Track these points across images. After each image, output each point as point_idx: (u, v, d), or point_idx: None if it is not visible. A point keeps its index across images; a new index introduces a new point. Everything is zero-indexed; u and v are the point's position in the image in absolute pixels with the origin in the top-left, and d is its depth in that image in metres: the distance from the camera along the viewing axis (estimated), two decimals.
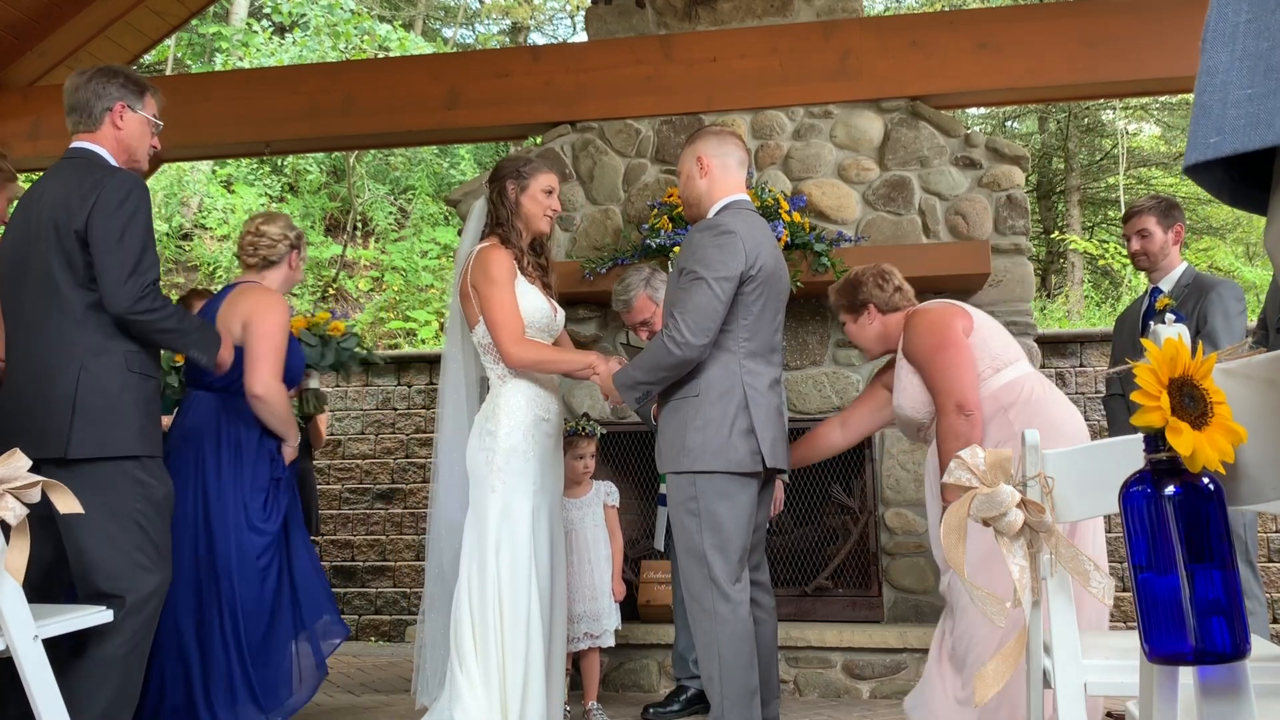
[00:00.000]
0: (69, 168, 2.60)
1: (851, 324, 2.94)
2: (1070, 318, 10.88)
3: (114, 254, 2.45)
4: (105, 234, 2.45)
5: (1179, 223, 3.63)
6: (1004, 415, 2.61)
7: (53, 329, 2.48)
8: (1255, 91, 0.69)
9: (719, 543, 2.63)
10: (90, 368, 2.45)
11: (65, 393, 2.42)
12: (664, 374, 2.68)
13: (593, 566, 3.56)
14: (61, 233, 2.48)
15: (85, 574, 2.43)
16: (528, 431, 2.86)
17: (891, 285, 2.88)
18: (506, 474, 2.81)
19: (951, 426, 2.56)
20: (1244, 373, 0.96)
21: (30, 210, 2.58)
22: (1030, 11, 4.58)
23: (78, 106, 2.65)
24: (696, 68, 4.61)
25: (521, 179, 3.00)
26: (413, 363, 5.96)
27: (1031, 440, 1.39)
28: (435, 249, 11.40)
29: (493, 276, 2.88)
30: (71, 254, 2.48)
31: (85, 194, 2.49)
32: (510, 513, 2.80)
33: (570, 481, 3.64)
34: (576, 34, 14.97)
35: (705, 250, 2.67)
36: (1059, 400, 2.67)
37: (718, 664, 2.60)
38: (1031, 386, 2.65)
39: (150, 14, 5.49)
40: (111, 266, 2.44)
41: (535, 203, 3.00)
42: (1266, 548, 4.86)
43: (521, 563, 2.77)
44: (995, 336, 2.73)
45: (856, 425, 3.05)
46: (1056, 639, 1.38)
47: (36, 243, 2.52)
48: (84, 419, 2.42)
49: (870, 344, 2.94)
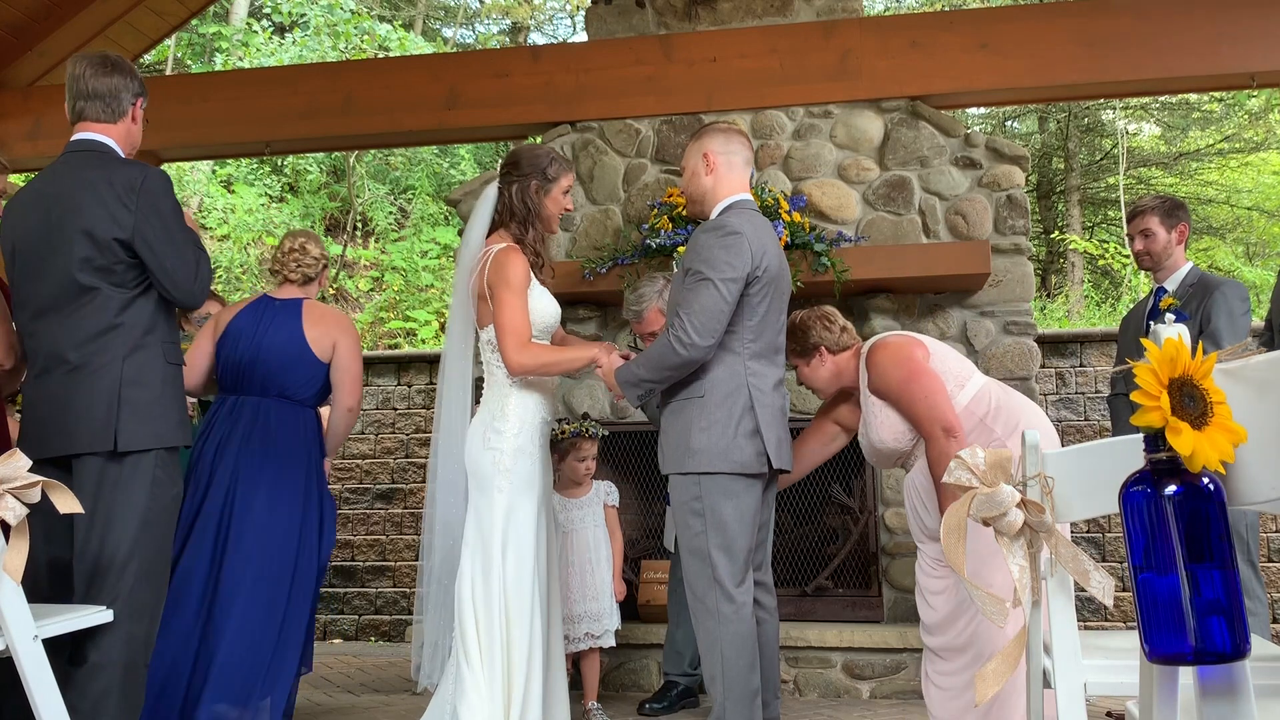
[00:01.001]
0: (82, 163, 2.54)
1: (804, 368, 2.99)
2: (1070, 318, 10.87)
3: (179, 257, 2.51)
4: (162, 238, 2.49)
5: (1183, 223, 3.62)
6: (982, 425, 2.70)
7: (88, 325, 2.46)
8: None
9: (723, 543, 2.63)
10: (132, 361, 2.46)
11: (109, 386, 2.42)
12: (668, 373, 2.68)
13: (593, 566, 3.56)
14: (98, 239, 2.44)
15: (95, 569, 2.40)
16: (535, 432, 2.85)
17: (838, 326, 2.96)
18: (514, 474, 2.79)
19: (943, 450, 2.63)
20: (1244, 373, 0.96)
21: (48, 208, 2.51)
22: (1030, 11, 4.58)
23: (102, 94, 2.58)
24: (696, 68, 4.61)
25: (547, 180, 2.93)
26: (413, 363, 5.96)
27: (1031, 440, 1.39)
28: (435, 249, 11.39)
29: (511, 282, 2.80)
30: (109, 257, 2.46)
31: (120, 197, 2.46)
32: (516, 514, 2.78)
33: (571, 482, 3.64)
34: (576, 34, 14.97)
35: (711, 251, 2.66)
36: (1022, 399, 2.78)
37: (720, 664, 2.59)
38: (994, 392, 2.76)
39: (150, 14, 5.49)
40: (180, 269, 2.51)
41: (556, 204, 2.96)
42: (1266, 548, 4.86)
43: (527, 564, 2.76)
44: (950, 356, 2.83)
45: (809, 459, 3.11)
46: (1056, 639, 1.38)
47: (60, 243, 2.47)
48: (130, 411, 2.42)
49: (824, 384, 3.01)
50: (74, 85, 2.59)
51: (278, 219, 11.39)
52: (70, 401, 2.44)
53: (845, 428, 3.08)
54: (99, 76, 2.58)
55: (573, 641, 3.48)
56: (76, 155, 2.56)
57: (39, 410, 2.49)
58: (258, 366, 3.22)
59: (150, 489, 2.45)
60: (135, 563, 2.41)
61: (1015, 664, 1.30)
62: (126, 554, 2.40)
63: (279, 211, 11.59)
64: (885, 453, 2.85)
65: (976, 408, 2.72)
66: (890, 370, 2.75)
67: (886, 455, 2.86)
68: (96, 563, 2.38)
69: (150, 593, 2.46)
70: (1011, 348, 4.29)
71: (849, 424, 3.06)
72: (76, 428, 2.41)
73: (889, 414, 2.78)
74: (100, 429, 2.40)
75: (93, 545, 2.39)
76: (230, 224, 11.00)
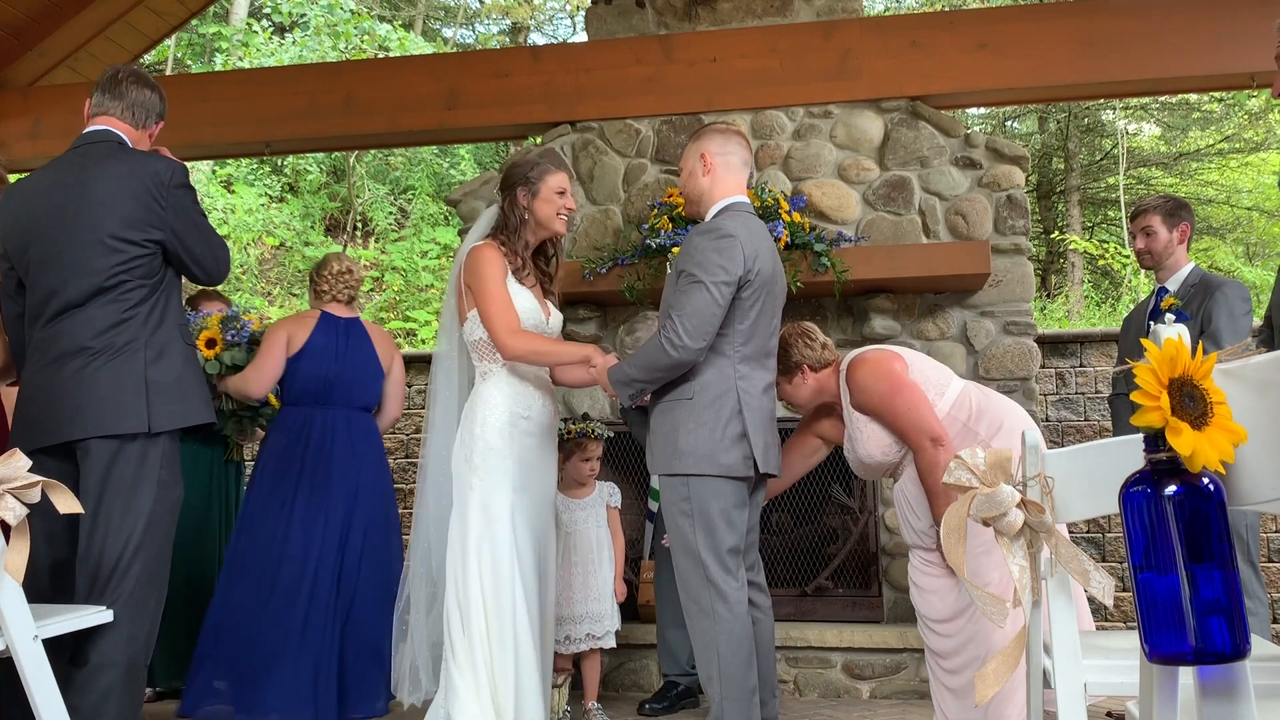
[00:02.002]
0: (104, 154, 2.55)
1: (786, 385, 3.00)
2: (1070, 318, 10.88)
3: (206, 243, 2.63)
4: (192, 232, 2.59)
5: (1185, 223, 3.62)
6: (966, 429, 2.73)
7: (111, 314, 2.47)
8: None
9: (713, 544, 2.63)
10: (154, 344, 2.49)
11: (136, 369, 2.45)
12: (659, 374, 2.68)
13: (596, 567, 3.56)
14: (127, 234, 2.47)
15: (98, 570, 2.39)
16: (503, 429, 2.86)
17: (818, 342, 2.97)
18: (484, 472, 2.82)
19: (932, 459, 2.66)
20: (1244, 373, 0.96)
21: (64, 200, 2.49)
22: (1030, 11, 4.58)
23: (135, 103, 2.66)
24: (696, 68, 4.61)
25: (531, 185, 2.97)
26: (413, 363, 5.95)
27: (1032, 440, 1.39)
28: (435, 249, 11.40)
29: (483, 274, 2.88)
30: (136, 250, 2.48)
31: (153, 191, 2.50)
32: (489, 511, 2.80)
33: (575, 482, 3.64)
34: (576, 34, 14.97)
35: (704, 254, 2.66)
36: (1001, 398, 2.82)
37: (717, 664, 2.60)
38: (973, 395, 2.79)
39: (150, 14, 5.49)
40: (207, 257, 2.64)
41: (549, 204, 2.98)
42: (1267, 548, 4.86)
43: (503, 561, 2.78)
44: (927, 364, 2.85)
45: (791, 471, 3.11)
46: (1056, 639, 1.38)
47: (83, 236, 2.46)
48: (158, 392, 2.46)
49: (806, 401, 3.02)
50: (112, 86, 2.64)
51: (278, 219, 11.39)
52: (89, 387, 2.42)
53: (827, 440, 3.10)
54: (139, 87, 2.67)
55: (574, 642, 3.48)
56: (96, 146, 2.57)
57: (44, 396, 2.46)
58: (341, 382, 3.52)
59: (155, 490, 2.45)
60: (138, 564, 2.41)
61: (1015, 664, 1.30)
62: (130, 555, 2.40)
63: (279, 211, 11.59)
64: (873, 466, 2.87)
65: (959, 413, 2.75)
66: (872, 386, 2.77)
67: (875, 469, 2.89)
68: (99, 563, 2.38)
69: (152, 593, 2.45)
70: (1011, 348, 4.29)
71: (830, 437, 3.08)
72: (101, 411, 2.40)
73: (874, 429, 2.80)
74: (131, 409, 2.42)
75: (95, 546, 2.38)
76: (230, 224, 11.00)
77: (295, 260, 11.25)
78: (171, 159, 2.62)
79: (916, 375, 2.78)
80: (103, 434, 2.41)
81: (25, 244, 2.53)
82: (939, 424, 2.69)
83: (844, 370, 2.89)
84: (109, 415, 2.40)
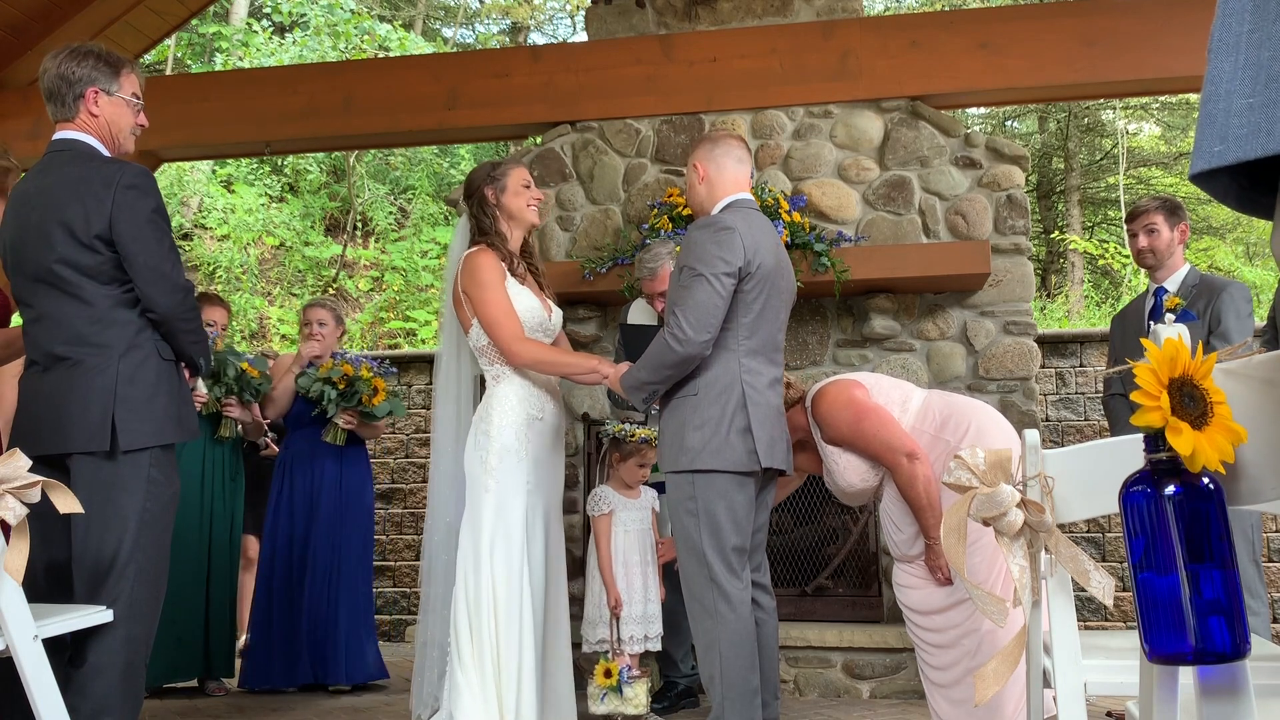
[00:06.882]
0: (60, 162, 2.52)
1: None
2: (1070, 318, 10.88)
3: (153, 259, 2.45)
4: (137, 238, 2.43)
5: (1184, 223, 3.65)
6: (935, 439, 2.77)
7: (78, 322, 2.43)
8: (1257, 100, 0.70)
9: (717, 543, 2.63)
10: (128, 360, 2.43)
11: (106, 385, 2.40)
12: (668, 372, 2.69)
13: (642, 569, 3.52)
14: (77, 234, 2.42)
15: (95, 571, 2.39)
16: (520, 431, 2.87)
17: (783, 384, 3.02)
18: (500, 473, 2.82)
19: (909, 474, 2.70)
20: (1244, 373, 0.96)
21: (29, 209, 2.51)
22: (1030, 11, 4.58)
23: (52, 94, 2.55)
24: (696, 68, 4.61)
25: (496, 181, 3.03)
26: (413, 363, 5.96)
27: (1031, 440, 1.39)
28: (435, 249, 11.40)
29: (481, 280, 2.90)
30: (92, 255, 2.43)
31: (97, 193, 2.43)
32: (504, 513, 2.80)
33: (624, 484, 3.60)
34: (576, 34, 14.97)
35: (704, 247, 2.68)
36: (965, 399, 2.88)
37: (719, 664, 2.59)
38: (935, 404, 2.85)
39: (150, 14, 5.49)
40: (154, 275, 2.45)
41: (517, 197, 3.03)
42: (1267, 548, 4.86)
43: (515, 563, 2.78)
44: (885, 383, 2.93)
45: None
46: (1056, 639, 1.38)
47: (39, 241, 2.46)
48: (128, 409, 2.40)
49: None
50: (47, 97, 2.57)
51: (278, 219, 11.39)
52: (66, 399, 2.42)
53: (800, 470, 3.14)
54: (49, 75, 2.54)
55: (635, 642, 3.42)
56: (55, 155, 2.55)
57: (34, 407, 2.47)
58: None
59: (147, 488, 2.43)
60: (134, 563, 2.40)
61: (1015, 664, 1.30)
62: (126, 555, 2.39)
63: (279, 211, 11.59)
64: (855, 494, 2.92)
65: (926, 425, 2.80)
66: (837, 416, 2.83)
67: (857, 495, 2.94)
68: (96, 564, 2.38)
69: (149, 592, 2.45)
70: (1011, 348, 4.29)
71: (805, 468, 3.13)
72: (71, 427, 2.39)
73: (850, 458, 2.85)
74: (97, 429, 2.38)
75: (91, 546, 2.38)
76: (230, 224, 11.00)
77: (295, 260, 11.25)
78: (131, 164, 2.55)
79: (879, 397, 2.84)
80: (69, 451, 2.40)
81: (5, 257, 2.58)
82: (910, 439, 2.74)
83: (809, 407, 2.95)
84: (78, 434, 2.38)
